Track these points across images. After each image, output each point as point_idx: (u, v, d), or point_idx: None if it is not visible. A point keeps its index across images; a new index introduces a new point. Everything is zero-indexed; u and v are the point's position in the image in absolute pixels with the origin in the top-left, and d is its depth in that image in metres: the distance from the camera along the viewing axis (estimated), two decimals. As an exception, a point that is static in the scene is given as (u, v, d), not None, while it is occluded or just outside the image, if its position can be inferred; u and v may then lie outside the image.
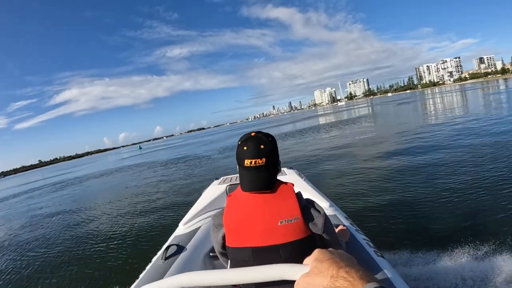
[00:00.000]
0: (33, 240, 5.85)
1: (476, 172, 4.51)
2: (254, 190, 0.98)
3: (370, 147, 9.23)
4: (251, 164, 0.96)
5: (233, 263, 1.03)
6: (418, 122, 13.60)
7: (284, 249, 0.95)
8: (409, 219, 3.38)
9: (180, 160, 16.32)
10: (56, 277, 3.77)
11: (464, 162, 5.25)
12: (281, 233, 0.95)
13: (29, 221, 8.10)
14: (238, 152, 0.99)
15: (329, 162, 7.93)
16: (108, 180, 14.90)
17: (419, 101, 34.23)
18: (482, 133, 7.71)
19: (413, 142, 8.42)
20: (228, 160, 12.29)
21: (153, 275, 1.49)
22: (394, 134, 10.53)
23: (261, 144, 0.97)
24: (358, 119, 22.49)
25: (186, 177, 10.08)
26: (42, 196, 14.36)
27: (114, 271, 3.46)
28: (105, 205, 8.10)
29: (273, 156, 0.99)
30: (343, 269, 0.46)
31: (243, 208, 0.99)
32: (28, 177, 54.92)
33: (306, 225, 0.97)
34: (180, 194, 7.34)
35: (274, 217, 0.95)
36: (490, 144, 6.39)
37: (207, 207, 2.32)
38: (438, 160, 5.79)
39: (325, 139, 13.42)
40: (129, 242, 4.46)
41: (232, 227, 0.99)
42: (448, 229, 2.89)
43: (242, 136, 1.01)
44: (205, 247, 1.83)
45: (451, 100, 27.20)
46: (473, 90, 40.28)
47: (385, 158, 7.11)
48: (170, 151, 28.77)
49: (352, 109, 50.51)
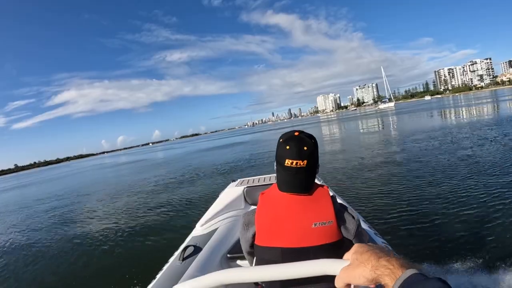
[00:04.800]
0: (45, 241, 6.69)
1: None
2: (292, 192, 1.09)
3: (392, 152, 9.95)
4: (292, 165, 1.06)
5: (259, 263, 1.13)
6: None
7: (315, 252, 1.04)
8: (430, 225, 3.88)
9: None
10: (72, 277, 4.33)
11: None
12: (314, 235, 1.05)
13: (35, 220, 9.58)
14: (279, 150, 1.10)
15: (347, 165, 9.09)
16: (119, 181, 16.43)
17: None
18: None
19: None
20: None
21: (171, 275, 1.72)
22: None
23: (304, 145, 1.07)
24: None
25: (201, 179, 11.40)
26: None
27: (131, 270, 3.89)
28: (119, 206, 9.09)
29: (314, 159, 1.10)
30: (383, 258, 0.52)
31: (277, 207, 1.11)
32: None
33: (339, 229, 1.09)
34: (196, 195, 8.44)
35: (308, 219, 1.06)
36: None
37: (224, 209, 2.62)
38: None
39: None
40: (145, 242, 5.13)
41: (264, 226, 1.10)
42: (474, 241, 3.31)
43: (284, 134, 1.14)
44: (223, 249, 2.09)
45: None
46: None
47: (408, 163, 7.97)
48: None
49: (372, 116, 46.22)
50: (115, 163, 39.67)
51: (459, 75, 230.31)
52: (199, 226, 2.43)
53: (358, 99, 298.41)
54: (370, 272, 0.52)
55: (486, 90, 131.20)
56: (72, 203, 11.56)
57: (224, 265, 1.98)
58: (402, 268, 0.48)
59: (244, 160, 14.95)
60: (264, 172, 4.08)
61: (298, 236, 1.05)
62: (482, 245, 3.22)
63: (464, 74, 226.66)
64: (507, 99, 36.07)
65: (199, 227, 2.42)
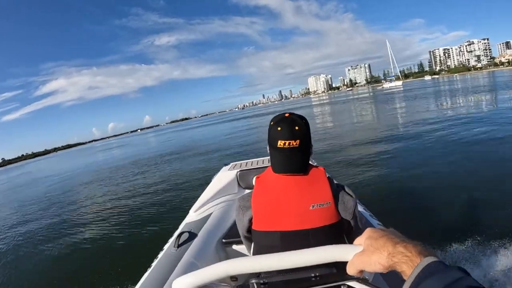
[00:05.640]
0: (40, 229, 7.01)
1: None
2: (286, 172, 1.11)
3: (387, 132, 10.54)
4: (285, 146, 1.08)
5: (258, 248, 1.15)
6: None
7: (314, 234, 1.06)
8: (425, 206, 4.05)
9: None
10: (68, 266, 4.49)
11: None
12: (312, 217, 1.06)
13: (28, 211, 9.81)
14: (271, 132, 1.13)
15: (340, 147, 9.42)
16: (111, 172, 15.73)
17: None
18: None
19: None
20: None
21: (166, 263, 1.74)
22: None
23: (296, 125, 1.10)
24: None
25: (192, 164, 11.46)
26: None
27: (126, 259, 4.03)
28: (112, 196, 9.06)
29: (307, 138, 1.13)
30: (400, 244, 0.51)
31: (273, 190, 1.12)
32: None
33: (337, 209, 1.10)
34: (189, 181, 8.52)
35: (305, 201, 1.07)
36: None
37: (218, 194, 2.64)
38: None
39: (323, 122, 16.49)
40: (139, 231, 5.20)
41: (261, 210, 1.11)
42: (469, 220, 3.47)
43: (275, 117, 1.16)
44: (218, 234, 2.11)
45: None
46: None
47: (403, 144, 8.26)
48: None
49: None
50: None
51: (455, 56, 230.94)
52: (192, 212, 2.45)
53: (351, 79, 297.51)
54: (387, 259, 0.51)
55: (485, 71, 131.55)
56: (58, 198, 11.49)
57: (220, 250, 2.01)
58: (420, 255, 0.47)
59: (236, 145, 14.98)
60: (256, 155, 4.07)
61: (296, 218, 1.07)
62: (477, 223, 3.35)
63: (461, 54, 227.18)
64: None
65: (193, 213, 2.44)
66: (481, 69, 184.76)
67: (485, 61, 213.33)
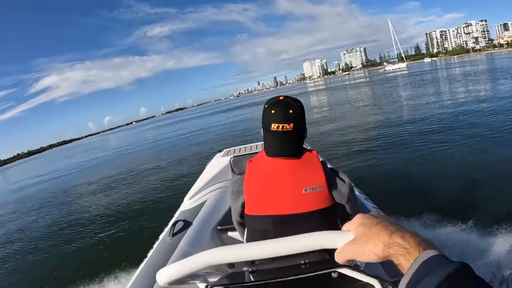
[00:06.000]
0: (33, 224, 7.12)
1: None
2: (279, 156, 1.10)
3: (379, 115, 11.00)
4: (278, 129, 1.08)
5: (250, 233, 1.16)
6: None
7: (307, 219, 1.06)
8: (419, 187, 4.15)
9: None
10: (64, 258, 4.53)
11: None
12: (305, 201, 1.06)
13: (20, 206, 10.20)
14: (265, 115, 1.12)
15: (333, 130, 9.74)
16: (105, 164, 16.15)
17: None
18: None
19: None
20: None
21: (162, 252, 1.75)
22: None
23: (290, 109, 1.09)
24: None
25: (186, 152, 11.76)
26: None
27: (122, 251, 4.06)
28: (105, 187, 9.23)
29: (301, 122, 1.13)
30: (396, 234, 0.47)
31: (265, 173, 1.12)
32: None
33: (330, 194, 1.10)
34: (182, 169, 8.62)
35: (298, 184, 1.07)
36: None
37: (212, 181, 2.64)
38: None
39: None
40: (135, 222, 5.27)
41: (253, 194, 1.11)
42: (465, 200, 3.53)
43: (269, 100, 1.16)
44: (213, 221, 2.11)
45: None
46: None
47: (396, 126, 8.44)
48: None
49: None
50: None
51: (452, 38, 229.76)
52: (187, 200, 2.45)
53: (346, 64, 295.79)
54: (382, 250, 0.47)
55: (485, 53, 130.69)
56: (53, 192, 11.61)
57: (215, 237, 2.02)
58: (419, 247, 0.44)
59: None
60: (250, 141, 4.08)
61: (289, 202, 1.07)
62: (472, 204, 3.42)
63: (458, 36, 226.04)
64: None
65: (187, 200, 2.44)
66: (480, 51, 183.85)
67: (483, 43, 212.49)
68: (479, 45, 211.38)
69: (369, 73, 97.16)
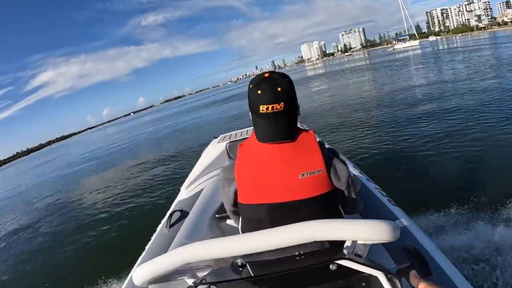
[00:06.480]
0: (30, 220, 7.30)
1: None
2: (272, 141, 1.01)
3: (381, 96, 10.68)
4: (268, 110, 0.98)
5: (245, 223, 1.10)
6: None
7: (305, 206, 1.00)
8: (421, 169, 4.09)
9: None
10: (62, 253, 4.57)
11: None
12: (302, 187, 0.99)
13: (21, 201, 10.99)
14: (251, 97, 1.03)
15: (332, 112, 9.51)
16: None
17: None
18: None
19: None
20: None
21: (159, 244, 1.73)
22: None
23: (278, 86, 1.00)
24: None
25: (181, 140, 11.97)
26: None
27: (120, 244, 4.07)
28: (101, 181, 9.35)
29: (292, 99, 1.04)
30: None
31: (258, 159, 1.04)
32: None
33: (329, 177, 1.03)
34: (179, 158, 8.63)
35: (294, 169, 1.00)
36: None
37: (208, 168, 2.59)
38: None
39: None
40: (132, 214, 5.30)
41: (245, 181, 1.04)
42: (469, 182, 3.46)
43: (253, 78, 1.06)
44: (210, 210, 2.08)
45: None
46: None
47: (397, 106, 8.25)
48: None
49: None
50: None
51: (454, 16, 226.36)
52: (183, 189, 2.42)
53: (345, 45, 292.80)
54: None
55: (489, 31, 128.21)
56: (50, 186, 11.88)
57: (213, 226, 1.98)
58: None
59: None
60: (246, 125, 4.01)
61: (284, 189, 0.99)
62: (476, 186, 3.35)
63: (460, 14, 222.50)
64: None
65: (184, 190, 2.41)
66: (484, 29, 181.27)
67: (486, 21, 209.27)
68: (482, 23, 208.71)
69: (369, 54, 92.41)
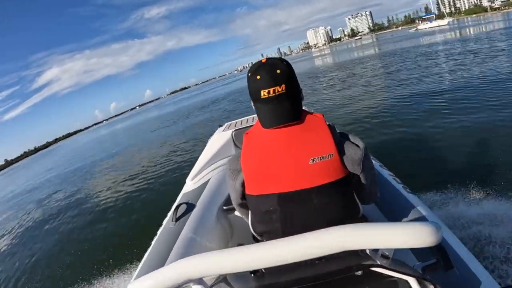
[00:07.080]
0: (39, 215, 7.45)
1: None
2: (278, 124, 0.96)
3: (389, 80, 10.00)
4: (270, 94, 0.95)
5: (255, 216, 1.06)
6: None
7: (318, 194, 0.95)
8: (437, 156, 3.99)
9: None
10: (67, 247, 4.64)
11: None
12: (313, 173, 0.94)
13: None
14: (251, 84, 1.00)
15: (341, 97, 9.18)
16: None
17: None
18: None
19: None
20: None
21: (165, 240, 1.66)
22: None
23: (277, 69, 0.97)
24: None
25: (186, 130, 11.86)
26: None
27: (126, 240, 3.99)
28: (105, 176, 9.39)
29: (293, 81, 1.00)
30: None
31: (264, 145, 0.99)
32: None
33: (342, 162, 0.96)
34: (185, 149, 8.52)
35: (304, 154, 0.94)
36: None
37: (214, 158, 2.52)
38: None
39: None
40: (138, 208, 5.28)
41: (253, 171, 0.99)
42: (480, 166, 3.38)
43: (251, 66, 1.03)
44: (217, 201, 2.01)
45: None
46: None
47: (409, 90, 7.76)
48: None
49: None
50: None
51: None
52: (189, 181, 2.35)
53: (352, 29, 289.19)
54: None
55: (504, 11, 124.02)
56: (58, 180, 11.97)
57: (221, 218, 1.91)
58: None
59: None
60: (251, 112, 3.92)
61: (294, 176, 0.94)
62: (487, 170, 3.27)
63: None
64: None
65: (190, 181, 2.34)
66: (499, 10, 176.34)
67: (499, 1, 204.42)
68: (495, 3, 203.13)
69: (377, 39, 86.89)
